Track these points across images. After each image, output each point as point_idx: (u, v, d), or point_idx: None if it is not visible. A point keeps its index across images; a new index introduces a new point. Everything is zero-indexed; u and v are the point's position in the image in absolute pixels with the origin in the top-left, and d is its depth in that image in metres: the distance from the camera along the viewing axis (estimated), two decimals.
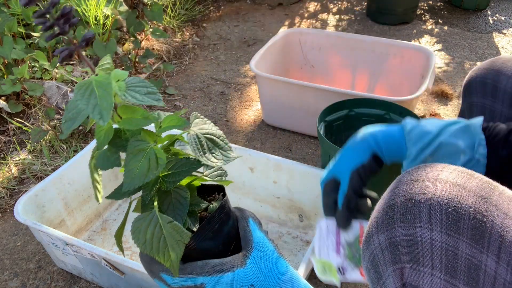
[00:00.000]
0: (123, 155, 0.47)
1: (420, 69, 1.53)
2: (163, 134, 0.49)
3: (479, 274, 0.42)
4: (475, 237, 0.42)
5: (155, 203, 0.48)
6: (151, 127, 0.81)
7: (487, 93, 0.83)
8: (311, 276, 0.99)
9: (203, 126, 0.51)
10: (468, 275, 0.42)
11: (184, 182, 0.52)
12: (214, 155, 0.49)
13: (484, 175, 0.48)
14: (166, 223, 0.45)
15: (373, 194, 0.69)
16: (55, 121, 1.52)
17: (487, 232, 0.42)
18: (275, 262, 0.48)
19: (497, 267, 0.41)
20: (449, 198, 0.44)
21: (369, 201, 0.68)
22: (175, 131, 0.49)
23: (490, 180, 0.47)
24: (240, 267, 0.47)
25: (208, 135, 0.50)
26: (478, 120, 0.64)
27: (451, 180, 0.46)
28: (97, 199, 0.52)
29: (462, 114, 0.94)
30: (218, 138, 0.50)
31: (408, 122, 0.68)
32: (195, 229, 0.49)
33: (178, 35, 2.20)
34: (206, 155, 0.48)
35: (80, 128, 1.51)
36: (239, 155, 0.87)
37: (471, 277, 0.42)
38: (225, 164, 0.49)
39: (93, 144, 1.17)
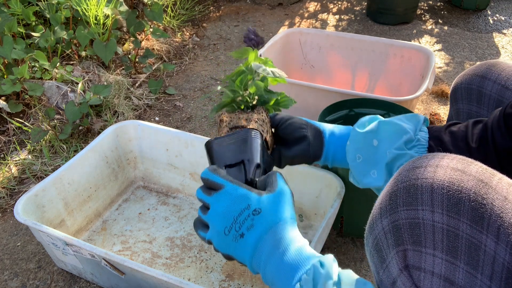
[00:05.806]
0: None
1: (420, 69, 1.53)
2: None
3: (479, 253, 0.43)
4: (475, 218, 0.44)
5: None
6: None
7: (473, 99, 0.83)
8: None
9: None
10: (468, 255, 0.43)
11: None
12: None
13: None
14: None
15: None
16: (55, 121, 1.52)
17: (486, 213, 0.43)
18: (283, 208, 0.59)
19: (496, 247, 0.42)
20: (450, 181, 0.46)
21: None
22: None
23: (490, 168, 0.48)
24: (257, 194, 0.59)
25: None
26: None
27: (452, 166, 0.48)
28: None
29: (450, 119, 0.94)
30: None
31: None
32: None
33: (178, 35, 2.20)
34: None
35: (80, 128, 1.51)
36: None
37: (471, 257, 0.43)
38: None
39: (93, 144, 1.17)
